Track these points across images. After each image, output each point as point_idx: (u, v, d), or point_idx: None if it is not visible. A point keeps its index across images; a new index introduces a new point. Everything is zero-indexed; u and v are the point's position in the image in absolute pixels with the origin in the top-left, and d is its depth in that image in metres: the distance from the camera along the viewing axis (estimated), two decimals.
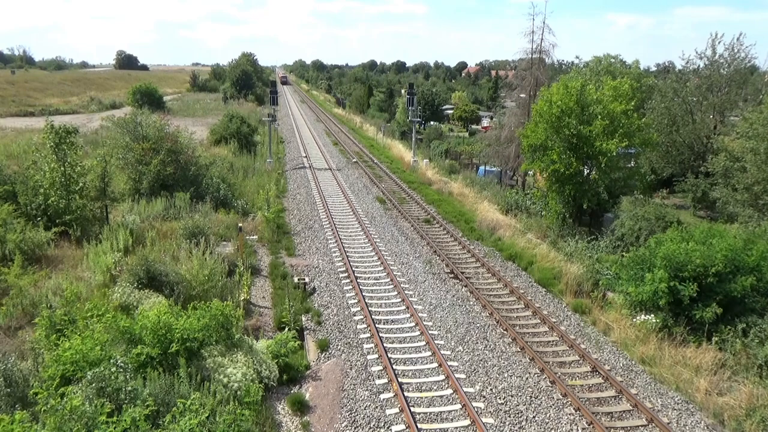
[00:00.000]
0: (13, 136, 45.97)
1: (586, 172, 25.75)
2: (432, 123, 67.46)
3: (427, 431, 11.93)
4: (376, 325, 16.36)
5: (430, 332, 16.15)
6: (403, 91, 72.48)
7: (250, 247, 22.49)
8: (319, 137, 60.77)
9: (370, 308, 17.56)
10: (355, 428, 12.03)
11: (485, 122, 73.50)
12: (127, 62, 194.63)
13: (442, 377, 13.95)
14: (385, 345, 15.25)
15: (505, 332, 16.62)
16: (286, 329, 15.22)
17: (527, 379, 14.11)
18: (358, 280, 19.75)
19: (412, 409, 12.54)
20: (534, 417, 12.56)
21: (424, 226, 27.70)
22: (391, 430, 11.97)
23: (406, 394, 13.08)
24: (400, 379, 13.65)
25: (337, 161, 46.13)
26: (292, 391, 13.25)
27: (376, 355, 14.92)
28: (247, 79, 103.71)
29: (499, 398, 13.22)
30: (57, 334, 12.46)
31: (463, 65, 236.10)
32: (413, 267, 21.77)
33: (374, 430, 11.98)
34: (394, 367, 14.16)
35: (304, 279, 19.46)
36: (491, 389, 13.57)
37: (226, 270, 18.75)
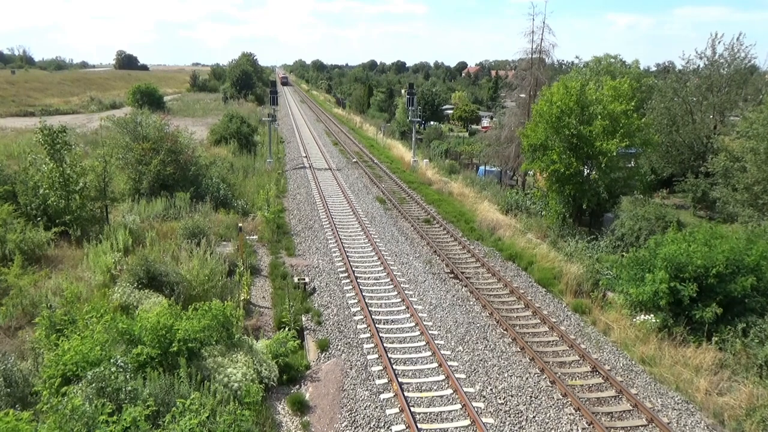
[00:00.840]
0: (13, 136, 45.97)
1: (586, 172, 25.73)
2: (432, 123, 67.47)
3: (427, 431, 11.93)
4: (376, 325, 16.36)
5: (430, 332, 16.15)
6: (403, 91, 72.46)
7: (250, 247, 22.49)
8: (319, 137, 60.77)
9: (370, 308, 17.56)
10: (355, 428, 12.03)
11: (485, 122, 73.53)
12: (127, 62, 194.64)
13: (442, 377, 13.95)
14: (385, 345, 15.25)
15: (505, 332, 16.62)
16: (286, 328, 15.21)
17: (527, 379, 14.11)
18: (358, 280, 19.75)
19: (412, 409, 12.54)
20: (534, 417, 12.56)
21: (424, 226, 27.69)
22: (391, 430, 11.97)
23: (406, 394, 13.08)
24: (400, 379, 13.65)
25: (337, 161, 46.13)
26: (292, 391, 13.25)
27: (376, 355, 14.92)
28: (247, 79, 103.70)
29: (499, 398, 13.22)
30: (57, 334, 12.47)
31: (463, 65, 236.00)
32: (413, 267, 21.77)
33: (374, 430, 11.98)
34: (394, 367, 14.16)
35: (304, 279, 19.46)
36: (491, 389, 13.57)
37: (226, 270, 18.75)
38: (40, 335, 12.78)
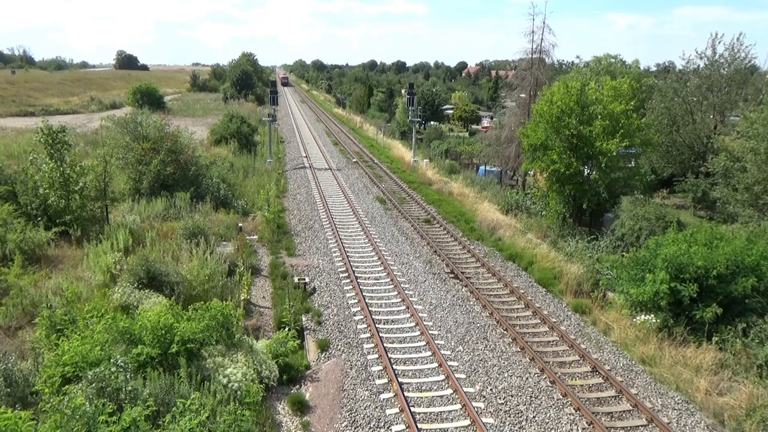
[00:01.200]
0: (13, 136, 45.96)
1: (586, 172, 25.74)
2: (432, 123, 67.46)
3: (427, 431, 11.93)
4: (376, 325, 16.36)
5: (430, 332, 16.15)
6: (403, 91, 72.47)
7: (250, 247, 22.49)
8: (320, 137, 60.77)
9: (370, 308, 17.55)
10: (355, 428, 12.03)
11: (485, 122, 73.51)
12: (127, 62, 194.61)
13: (442, 377, 13.95)
14: (385, 345, 15.25)
15: (505, 332, 16.62)
16: (286, 328, 15.21)
17: (527, 379, 14.11)
18: (358, 280, 19.75)
19: (412, 409, 12.54)
20: (534, 417, 12.56)
21: (424, 226, 27.69)
22: (391, 430, 11.97)
23: (406, 394, 13.08)
24: (400, 379, 13.65)
25: (338, 161, 46.13)
26: (292, 391, 13.25)
27: (376, 355, 14.92)
28: (247, 79, 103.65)
29: (499, 398, 13.22)
30: (57, 334, 12.48)
31: (463, 65, 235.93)
32: (413, 267, 21.77)
33: (374, 430, 11.98)
34: (394, 367, 14.16)
35: (304, 279, 19.46)
36: (491, 389, 13.57)
37: (226, 270, 18.75)
38: (40, 335, 12.78)
